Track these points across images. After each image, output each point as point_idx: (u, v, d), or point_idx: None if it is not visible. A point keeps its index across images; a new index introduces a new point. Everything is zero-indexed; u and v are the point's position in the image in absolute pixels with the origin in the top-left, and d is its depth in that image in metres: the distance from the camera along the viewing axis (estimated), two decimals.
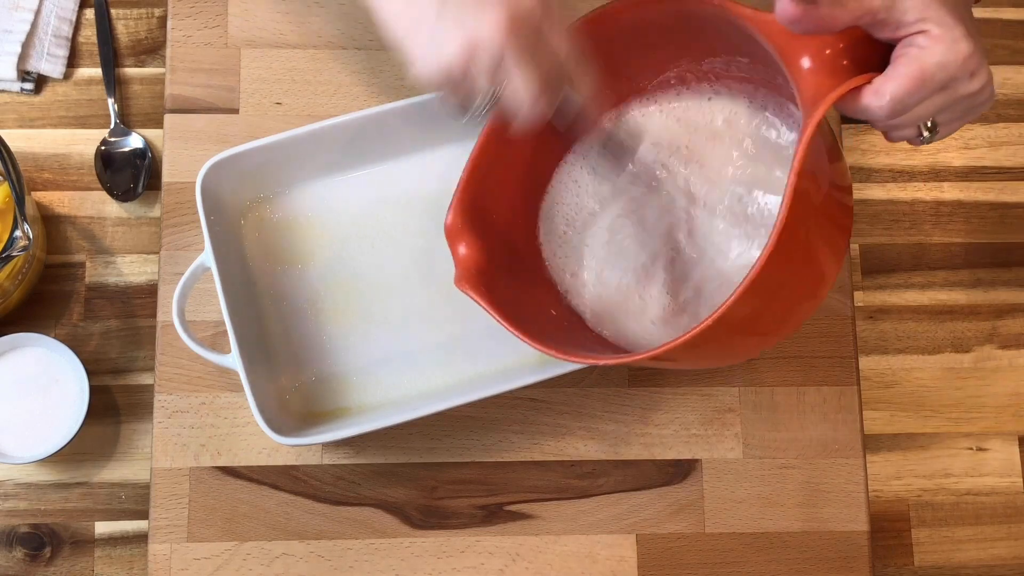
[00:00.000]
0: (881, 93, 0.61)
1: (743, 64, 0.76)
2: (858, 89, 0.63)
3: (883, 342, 1.27)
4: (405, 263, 0.86)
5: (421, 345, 0.84)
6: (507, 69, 0.62)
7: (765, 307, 0.68)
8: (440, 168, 0.86)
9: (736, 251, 0.78)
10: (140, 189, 1.03)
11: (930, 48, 0.60)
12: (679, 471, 0.86)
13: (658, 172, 0.81)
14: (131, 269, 1.01)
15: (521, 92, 0.64)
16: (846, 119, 1.35)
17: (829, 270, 0.72)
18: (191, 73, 0.90)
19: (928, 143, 0.66)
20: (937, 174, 1.31)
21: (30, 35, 1.05)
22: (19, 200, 0.84)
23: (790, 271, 0.68)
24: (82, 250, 1.01)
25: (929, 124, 0.64)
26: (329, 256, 0.85)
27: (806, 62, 0.63)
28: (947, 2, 0.61)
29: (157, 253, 0.94)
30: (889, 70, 0.62)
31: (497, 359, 0.84)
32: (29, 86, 1.05)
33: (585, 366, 0.78)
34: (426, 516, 0.85)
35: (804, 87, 0.63)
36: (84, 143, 1.04)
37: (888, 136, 0.66)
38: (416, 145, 0.86)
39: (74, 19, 1.06)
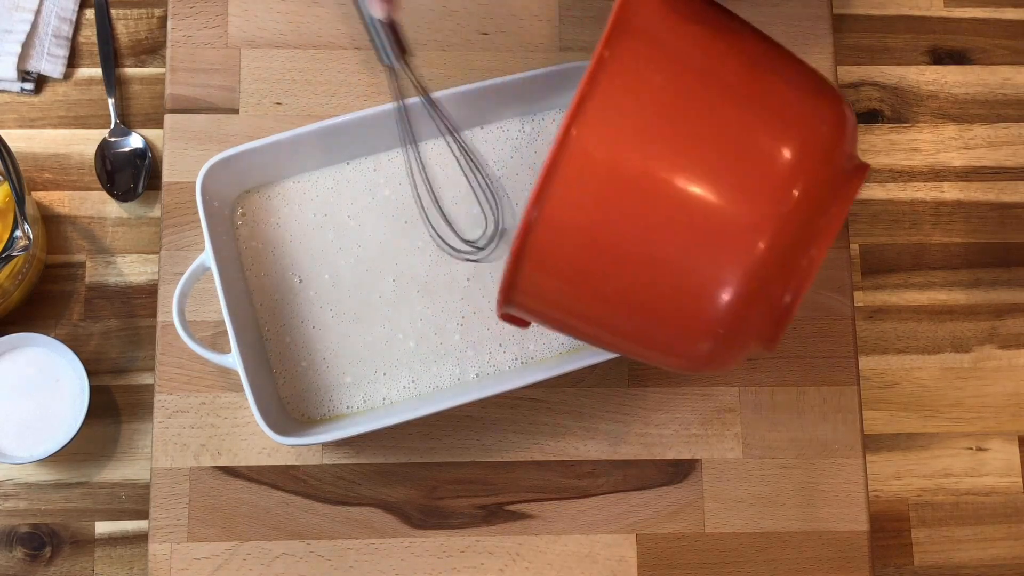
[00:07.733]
0: None
1: None
2: None
3: (883, 342, 1.27)
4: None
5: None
6: None
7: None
8: None
9: None
10: (140, 189, 1.03)
11: None
12: (679, 471, 0.86)
13: None
14: (131, 269, 1.01)
15: None
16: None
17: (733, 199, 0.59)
18: (191, 73, 0.90)
19: None
20: (937, 174, 1.31)
21: (30, 35, 1.04)
22: (19, 200, 0.84)
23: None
24: (82, 250, 1.01)
25: None
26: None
27: None
28: None
29: (157, 253, 0.94)
30: None
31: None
32: (29, 86, 1.05)
33: (586, 366, 0.78)
34: (426, 516, 0.85)
35: None
36: (84, 143, 1.04)
37: None
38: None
39: (74, 19, 1.06)
